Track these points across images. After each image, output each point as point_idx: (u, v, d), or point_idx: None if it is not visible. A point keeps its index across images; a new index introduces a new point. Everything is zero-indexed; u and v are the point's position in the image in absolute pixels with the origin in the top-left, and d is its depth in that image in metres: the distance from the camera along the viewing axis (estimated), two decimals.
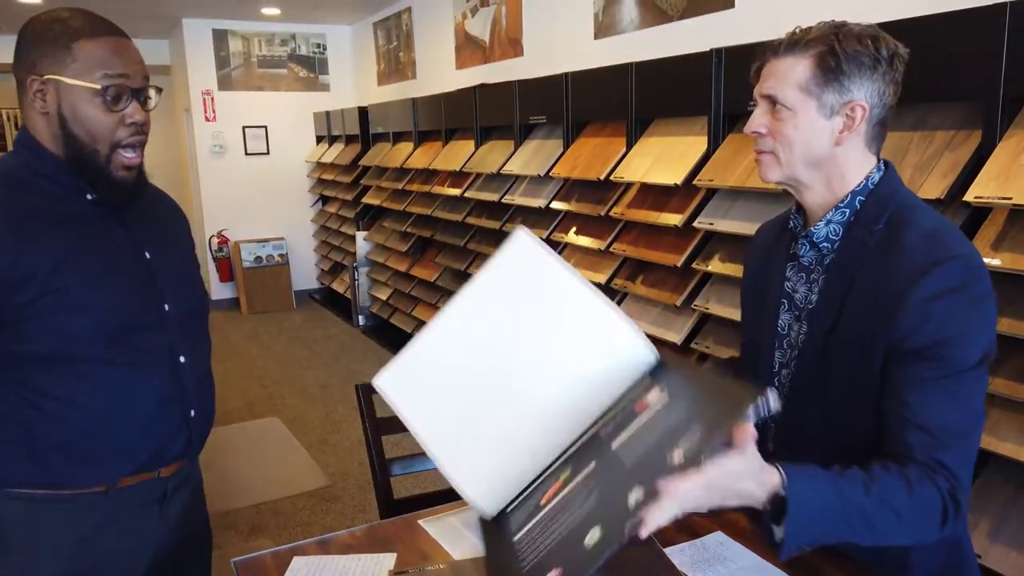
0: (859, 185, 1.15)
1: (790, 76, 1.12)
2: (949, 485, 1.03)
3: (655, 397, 1.05)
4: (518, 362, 1.17)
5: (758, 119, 1.17)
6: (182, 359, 1.32)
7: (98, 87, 1.17)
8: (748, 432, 0.89)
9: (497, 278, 1.19)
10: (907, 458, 1.06)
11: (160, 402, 1.28)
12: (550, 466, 1.15)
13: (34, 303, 1.15)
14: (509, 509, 1.16)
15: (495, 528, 1.15)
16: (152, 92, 1.25)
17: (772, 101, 1.15)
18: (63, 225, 1.21)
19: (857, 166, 1.16)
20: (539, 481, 1.15)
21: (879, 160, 1.18)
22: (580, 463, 1.09)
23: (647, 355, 1.08)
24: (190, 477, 1.43)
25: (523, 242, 1.16)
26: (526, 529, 1.07)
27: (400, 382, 1.23)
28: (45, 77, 1.18)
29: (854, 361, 1.11)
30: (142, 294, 1.28)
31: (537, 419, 1.14)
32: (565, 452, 1.15)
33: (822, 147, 1.13)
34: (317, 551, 1.27)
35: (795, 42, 1.13)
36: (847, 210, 1.16)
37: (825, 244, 1.18)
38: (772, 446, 1.26)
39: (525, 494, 1.15)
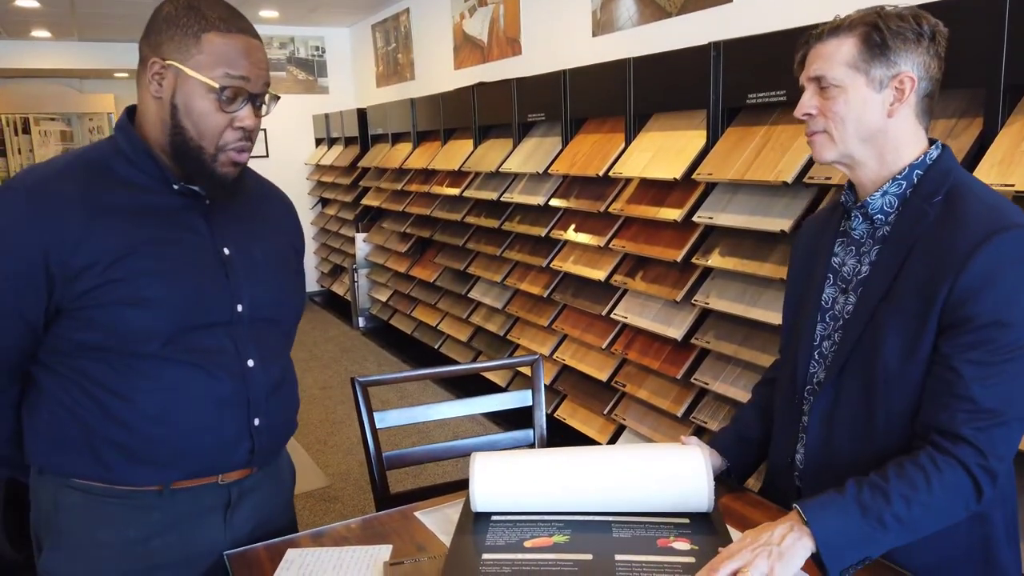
0: (917, 159, 1.16)
1: (837, 55, 1.14)
2: (978, 457, 1.04)
3: (681, 546, 1.12)
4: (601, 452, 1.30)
5: (807, 101, 1.18)
6: (251, 363, 1.24)
7: (216, 85, 1.13)
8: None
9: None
10: (938, 431, 1.07)
11: (221, 406, 1.21)
12: (554, 515, 1.24)
13: (95, 292, 1.11)
14: (494, 517, 1.24)
15: (473, 519, 1.24)
16: (268, 99, 1.21)
17: (820, 82, 1.16)
18: (139, 215, 1.16)
19: (910, 139, 1.16)
20: (536, 518, 1.23)
21: (933, 140, 1.19)
22: (579, 542, 1.16)
23: (703, 502, 1.20)
24: (266, 485, 1.34)
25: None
26: (499, 557, 1.12)
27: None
28: (167, 61, 1.13)
29: (906, 331, 1.11)
30: (213, 292, 1.21)
31: (579, 474, 1.24)
32: (574, 515, 1.23)
33: (875, 120, 1.15)
34: (311, 543, 1.25)
35: (838, 27, 1.16)
36: (903, 182, 1.16)
37: (879, 216, 1.19)
38: (808, 419, 1.25)
39: (516, 517, 1.23)
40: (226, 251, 1.24)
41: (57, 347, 1.17)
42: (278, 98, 1.25)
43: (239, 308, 1.23)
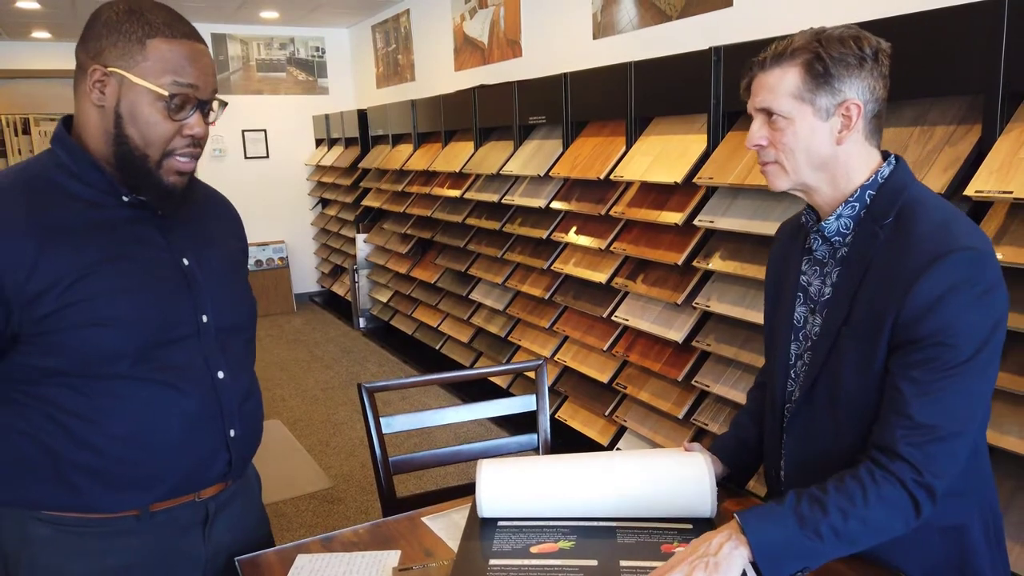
0: (868, 179, 1.17)
1: (781, 86, 1.14)
2: (913, 473, 1.05)
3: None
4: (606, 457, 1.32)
5: (757, 132, 1.19)
6: (220, 375, 1.21)
7: (164, 92, 1.09)
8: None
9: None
10: (878, 447, 1.09)
11: (195, 421, 1.18)
12: (560, 520, 1.26)
13: (55, 315, 1.06)
14: (500, 523, 1.27)
15: (480, 525, 1.26)
16: (216, 106, 1.17)
17: (768, 113, 1.17)
18: (92, 232, 1.11)
19: (861, 162, 1.17)
20: (541, 524, 1.25)
21: (885, 154, 1.20)
22: (585, 548, 1.19)
23: (706, 508, 1.23)
24: (239, 496, 1.32)
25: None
26: (506, 562, 1.14)
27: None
28: (109, 69, 1.09)
29: (863, 352, 1.13)
30: (177, 305, 1.17)
31: (584, 480, 1.27)
32: (580, 521, 1.26)
33: (824, 149, 1.16)
34: (321, 549, 1.27)
35: (779, 54, 1.15)
36: (856, 204, 1.18)
37: (836, 238, 1.20)
38: (786, 437, 1.27)
39: (522, 523, 1.26)
40: (185, 261, 1.20)
41: (14, 375, 1.11)
42: (225, 104, 1.21)
43: (204, 319, 1.20)
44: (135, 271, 1.14)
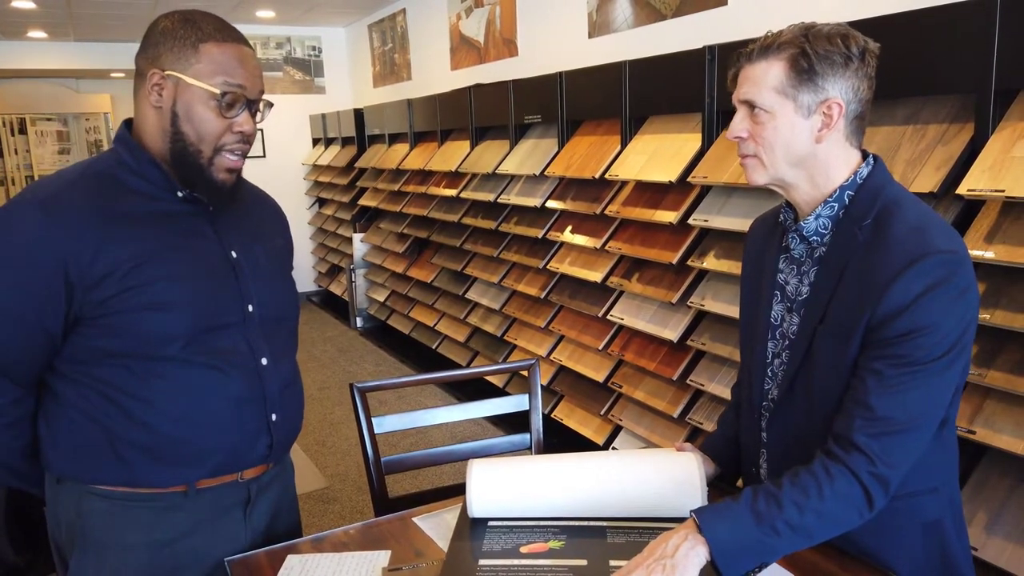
0: (847, 180, 1.17)
1: (765, 80, 1.14)
2: (869, 466, 1.06)
3: None
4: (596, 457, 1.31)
5: (738, 124, 1.19)
6: (264, 361, 1.29)
7: (216, 91, 1.18)
8: None
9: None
10: (835, 438, 1.10)
11: (239, 404, 1.26)
12: (550, 520, 1.26)
13: (115, 299, 1.15)
14: (491, 523, 1.26)
15: (470, 525, 1.26)
16: (263, 106, 1.26)
17: (751, 106, 1.16)
18: (150, 222, 1.21)
19: (840, 161, 1.17)
20: (531, 523, 1.25)
21: (865, 154, 1.20)
22: (575, 547, 1.19)
23: (696, 503, 1.21)
24: (276, 481, 1.40)
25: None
26: (495, 562, 1.14)
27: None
28: (166, 72, 1.18)
29: (837, 352, 1.13)
30: (225, 295, 1.26)
31: (575, 480, 1.27)
32: (570, 520, 1.26)
33: (803, 146, 1.15)
34: (311, 549, 1.26)
35: (767, 47, 1.14)
36: (835, 204, 1.17)
37: (815, 238, 1.20)
38: (766, 436, 1.27)
39: (513, 523, 1.26)
40: (233, 254, 1.29)
41: (75, 356, 1.20)
42: (271, 105, 1.30)
43: (250, 308, 1.29)
44: (189, 260, 1.23)
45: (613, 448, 3.16)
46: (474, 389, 4.33)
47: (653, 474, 1.25)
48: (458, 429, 3.90)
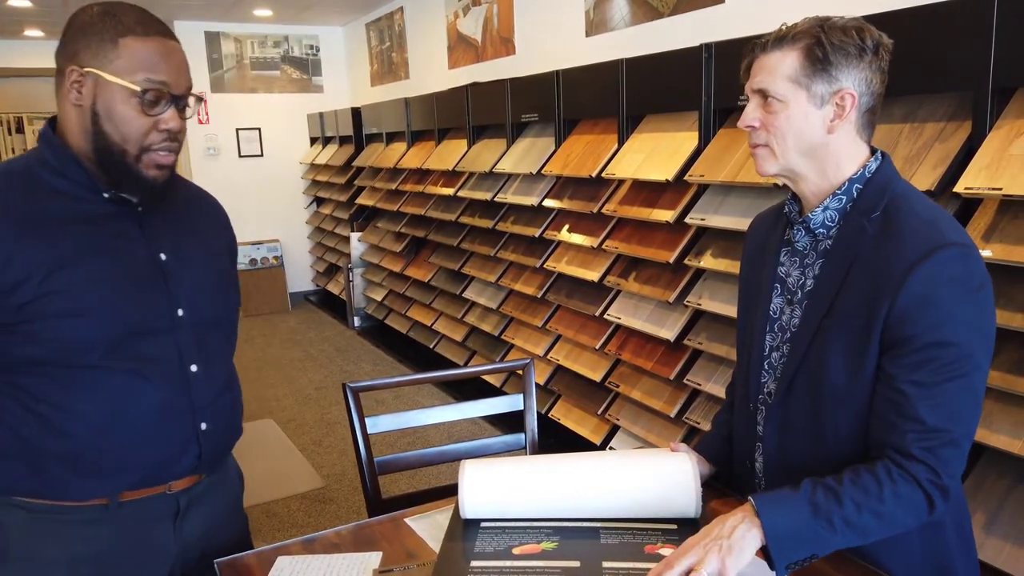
0: (856, 173, 1.17)
1: (779, 69, 1.14)
2: (930, 474, 1.06)
3: (668, 552, 1.12)
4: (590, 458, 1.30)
5: (751, 113, 1.19)
6: (193, 368, 1.24)
7: (137, 89, 1.12)
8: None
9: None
10: (892, 448, 1.09)
11: (164, 413, 1.21)
12: (543, 521, 1.25)
13: (32, 304, 1.10)
14: (483, 524, 1.25)
15: (462, 526, 1.25)
16: (192, 101, 1.20)
17: (763, 95, 1.17)
18: (70, 224, 1.15)
19: (850, 154, 1.17)
20: (524, 524, 1.24)
21: (873, 150, 1.20)
22: (567, 549, 1.17)
23: (691, 508, 1.21)
24: (214, 491, 1.34)
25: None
26: (487, 564, 1.13)
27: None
28: (85, 69, 1.12)
29: (851, 346, 1.12)
30: (152, 299, 1.20)
31: (568, 480, 1.25)
32: (563, 521, 1.25)
33: (815, 136, 1.15)
34: (302, 550, 1.25)
35: (782, 37, 1.15)
36: (844, 197, 1.17)
37: (821, 230, 1.20)
38: (762, 430, 1.26)
39: (505, 524, 1.25)
40: (162, 256, 1.23)
41: None
42: (201, 100, 1.24)
43: (180, 313, 1.23)
44: (110, 264, 1.17)
45: (610, 448, 3.15)
46: (472, 388, 4.33)
47: (647, 475, 1.24)
48: (455, 429, 3.89)
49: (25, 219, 1.12)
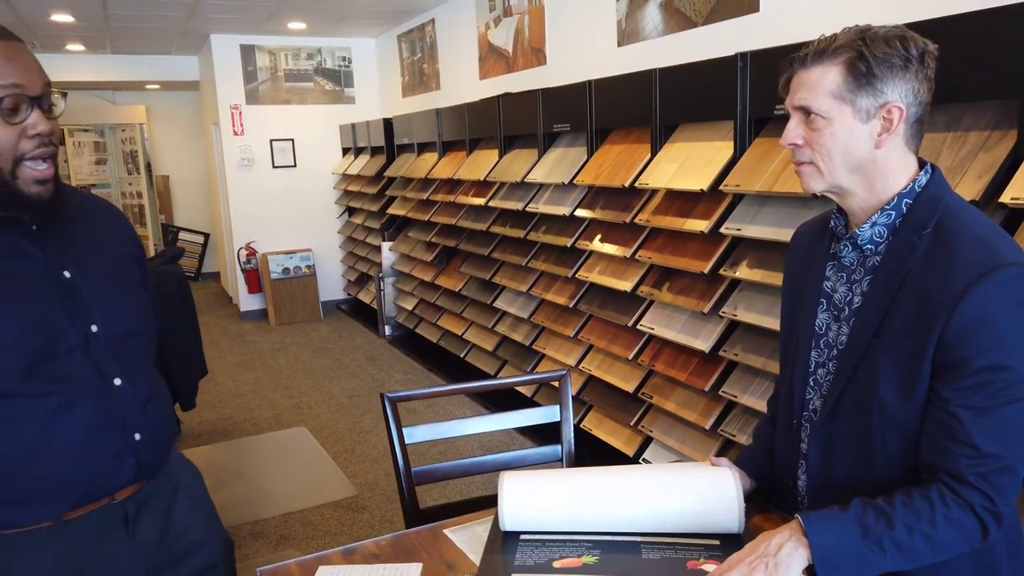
0: (905, 188, 1.14)
1: (821, 85, 1.11)
2: (985, 501, 1.04)
3: (711, 568, 1.12)
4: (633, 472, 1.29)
5: (793, 131, 1.16)
6: (117, 382, 1.21)
7: None
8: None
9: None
10: (945, 473, 1.06)
11: (91, 431, 1.18)
12: (583, 534, 1.25)
13: None
14: (523, 536, 1.25)
15: (502, 538, 1.25)
16: (56, 99, 1.14)
17: (806, 112, 1.14)
18: None
19: (899, 167, 1.14)
20: (564, 537, 1.24)
21: (923, 162, 1.16)
22: (608, 563, 1.17)
23: (734, 524, 1.20)
24: (163, 491, 1.32)
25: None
26: None
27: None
28: None
29: (903, 367, 1.09)
30: (60, 319, 1.16)
31: (609, 494, 1.25)
32: (604, 535, 1.24)
33: (862, 152, 1.12)
34: (342, 560, 1.26)
35: (822, 50, 1.12)
36: (892, 212, 1.14)
37: (869, 246, 1.17)
38: (806, 447, 1.24)
39: (545, 537, 1.24)
40: (66, 274, 1.19)
41: None
42: (66, 94, 1.18)
43: (93, 329, 1.20)
44: (12, 287, 1.13)
45: (644, 460, 3.13)
46: (502, 398, 4.32)
47: (690, 489, 1.23)
48: (486, 439, 3.89)
49: None
